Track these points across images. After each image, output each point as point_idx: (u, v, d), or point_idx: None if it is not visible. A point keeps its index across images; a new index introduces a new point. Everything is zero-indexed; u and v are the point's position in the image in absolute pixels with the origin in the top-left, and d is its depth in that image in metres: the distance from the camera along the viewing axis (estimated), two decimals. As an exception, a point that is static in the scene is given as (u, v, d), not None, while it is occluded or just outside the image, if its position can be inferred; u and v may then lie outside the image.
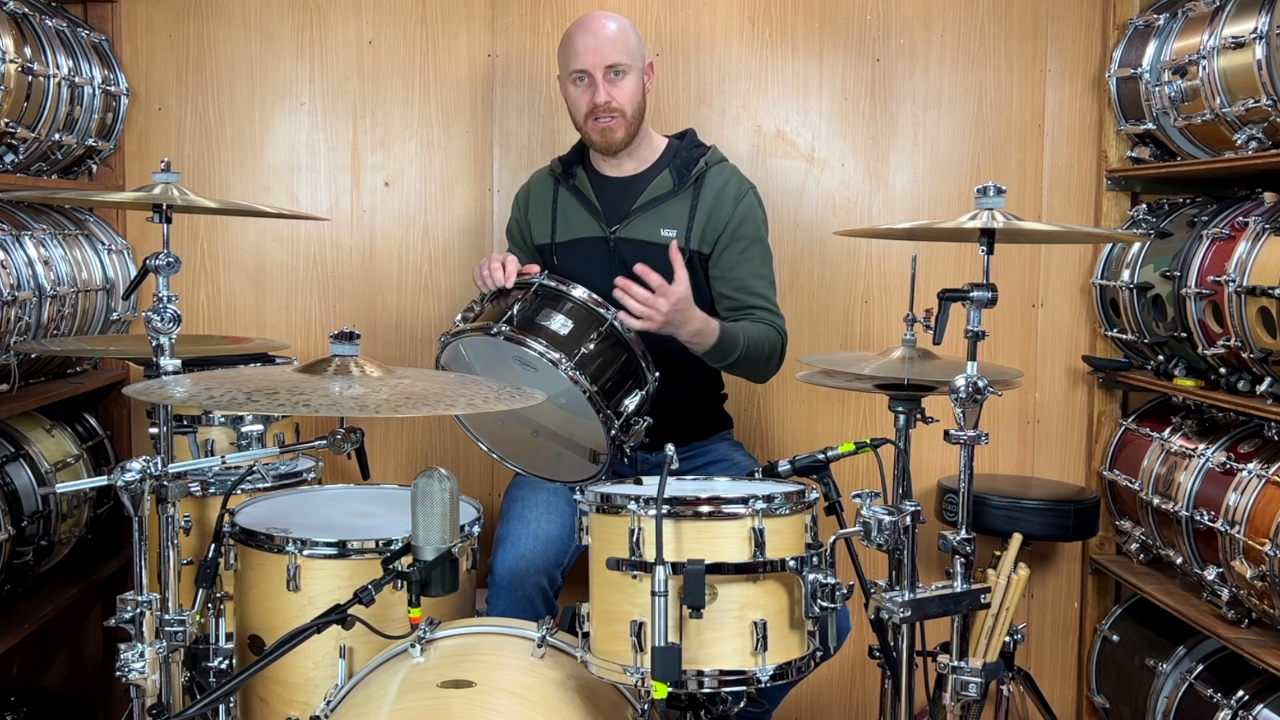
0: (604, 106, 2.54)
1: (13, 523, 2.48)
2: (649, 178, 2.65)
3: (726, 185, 2.62)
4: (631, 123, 2.57)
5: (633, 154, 2.65)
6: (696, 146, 2.69)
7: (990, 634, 2.03)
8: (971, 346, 1.93)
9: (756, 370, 2.57)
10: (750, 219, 2.62)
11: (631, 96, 2.56)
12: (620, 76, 2.54)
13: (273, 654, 1.72)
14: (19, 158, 2.60)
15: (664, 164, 2.65)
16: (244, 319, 3.19)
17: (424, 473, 1.73)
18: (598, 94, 2.53)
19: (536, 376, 2.17)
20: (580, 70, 2.55)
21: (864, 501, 1.88)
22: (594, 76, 2.53)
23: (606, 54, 2.52)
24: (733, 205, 2.60)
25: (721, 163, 2.68)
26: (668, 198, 2.61)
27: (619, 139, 2.58)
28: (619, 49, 2.54)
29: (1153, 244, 2.88)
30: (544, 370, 2.14)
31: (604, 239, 2.61)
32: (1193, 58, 2.64)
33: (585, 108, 2.57)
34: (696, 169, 2.62)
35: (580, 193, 2.67)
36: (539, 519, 2.47)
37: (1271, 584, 2.32)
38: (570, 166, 2.71)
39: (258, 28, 3.14)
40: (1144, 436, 2.98)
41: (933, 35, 3.17)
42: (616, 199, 2.64)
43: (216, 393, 1.66)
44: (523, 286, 2.25)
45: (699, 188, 2.61)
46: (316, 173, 3.18)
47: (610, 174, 2.68)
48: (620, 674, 1.75)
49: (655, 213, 2.61)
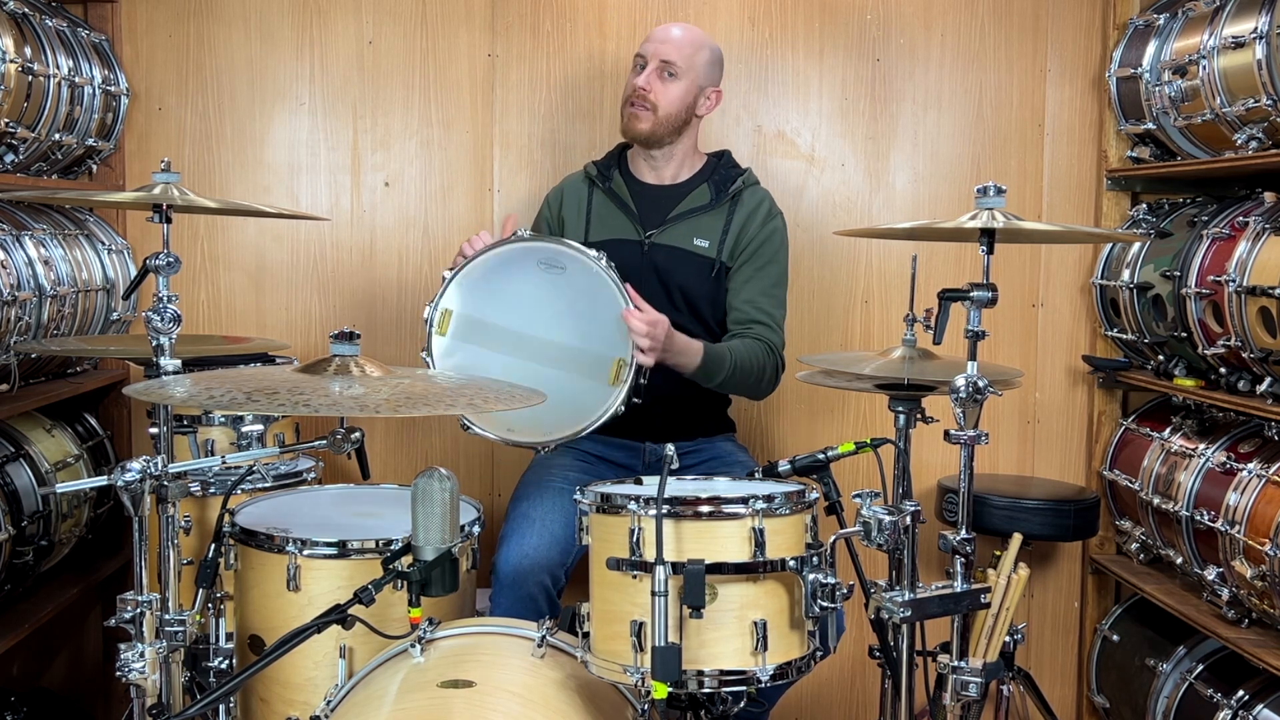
0: (638, 91, 2.62)
1: (13, 523, 2.48)
2: (687, 188, 2.71)
3: (760, 206, 2.70)
4: (661, 122, 2.64)
5: (673, 162, 2.72)
6: (734, 166, 2.78)
7: (990, 634, 2.03)
8: (971, 346, 1.93)
9: (748, 389, 2.61)
10: (773, 241, 2.68)
11: (671, 99, 2.63)
12: (670, 77, 2.62)
13: (273, 654, 1.72)
14: (19, 158, 2.60)
15: (703, 178, 2.73)
16: (244, 319, 3.19)
17: (424, 473, 1.73)
18: (640, 77, 2.63)
19: (557, 276, 2.23)
20: (641, 54, 2.66)
21: (864, 501, 1.88)
22: (648, 63, 2.63)
23: (667, 50, 2.63)
24: (761, 225, 2.67)
25: (757, 185, 2.76)
26: (705, 210, 2.68)
27: (640, 130, 2.64)
28: (679, 52, 2.63)
29: (1153, 244, 2.88)
30: (570, 265, 2.22)
31: (639, 243, 2.66)
32: (1193, 57, 2.64)
33: (628, 90, 2.66)
34: (734, 186, 2.70)
35: (617, 196, 2.72)
36: (544, 517, 2.47)
37: (1271, 584, 2.32)
38: (607, 170, 2.76)
39: (258, 28, 3.14)
40: (1144, 436, 2.98)
41: (933, 35, 3.17)
42: (653, 205, 2.70)
43: (216, 393, 1.66)
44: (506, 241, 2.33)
45: (735, 204, 2.68)
46: (316, 173, 3.18)
47: (649, 180, 2.74)
48: (620, 674, 1.75)
49: (691, 222, 2.67)
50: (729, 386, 2.56)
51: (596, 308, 2.24)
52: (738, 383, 2.54)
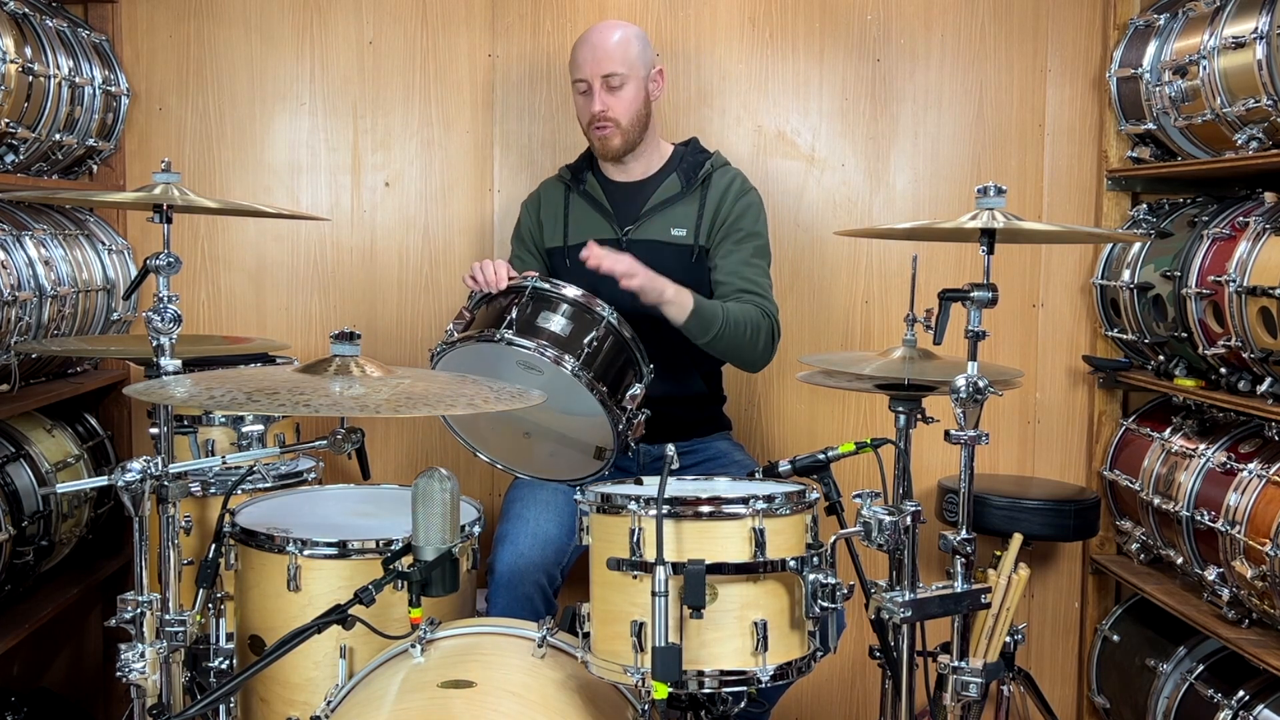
0: (599, 116, 2.62)
1: (13, 523, 2.48)
2: (657, 181, 2.72)
3: (731, 185, 2.69)
4: (629, 131, 2.64)
5: (640, 159, 2.72)
6: (701, 151, 2.77)
7: (990, 634, 2.03)
8: (972, 346, 1.93)
9: (744, 351, 2.55)
10: (749, 214, 2.68)
11: (628, 107, 2.62)
12: (618, 87, 2.61)
13: (273, 654, 1.72)
14: (19, 158, 2.60)
15: (671, 168, 2.73)
16: (244, 319, 3.19)
17: (424, 473, 1.73)
18: (594, 103, 2.61)
19: (537, 378, 2.17)
20: (580, 79, 2.64)
21: (864, 501, 1.88)
22: (592, 85, 2.61)
23: (603, 64, 2.60)
24: (734, 202, 2.67)
25: (726, 166, 2.75)
26: (677, 199, 2.68)
27: (614, 147, 2.65)
28: (616, 60, 2.60)
29: (1153, 244, 2.88)
30: (548, 371, 2.14)
31: (616, 240, 2.66)
32: (1193, 58, 2.64)
33: (586, 116, 2.66)
34: (703, 171, 2.70)
35: (591, 197, 2.73)
36: (538, 518, 2.48)
37: (1272, 584, 2.32)
38: (580, 173, 2.77)
39: (258, 28, 3.14)
40: (1144, 436, 2.98)
41: (933, 35, 3.17)
42: (627, 202, 2.71)
43: (217, 393, 1.66)
44: (514, 291, 2.26)
45: (706, 188, 2.69)
46: (317, 173, 3.18)
47: (619, 179, 2.75)
48: (620, 674, 1.75)
49: (665, 214, 2.67)
50: (724, 343, 2.49)
51: (570, 402, 2.19)
52: (732, 341, 2.49)
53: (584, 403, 2.15)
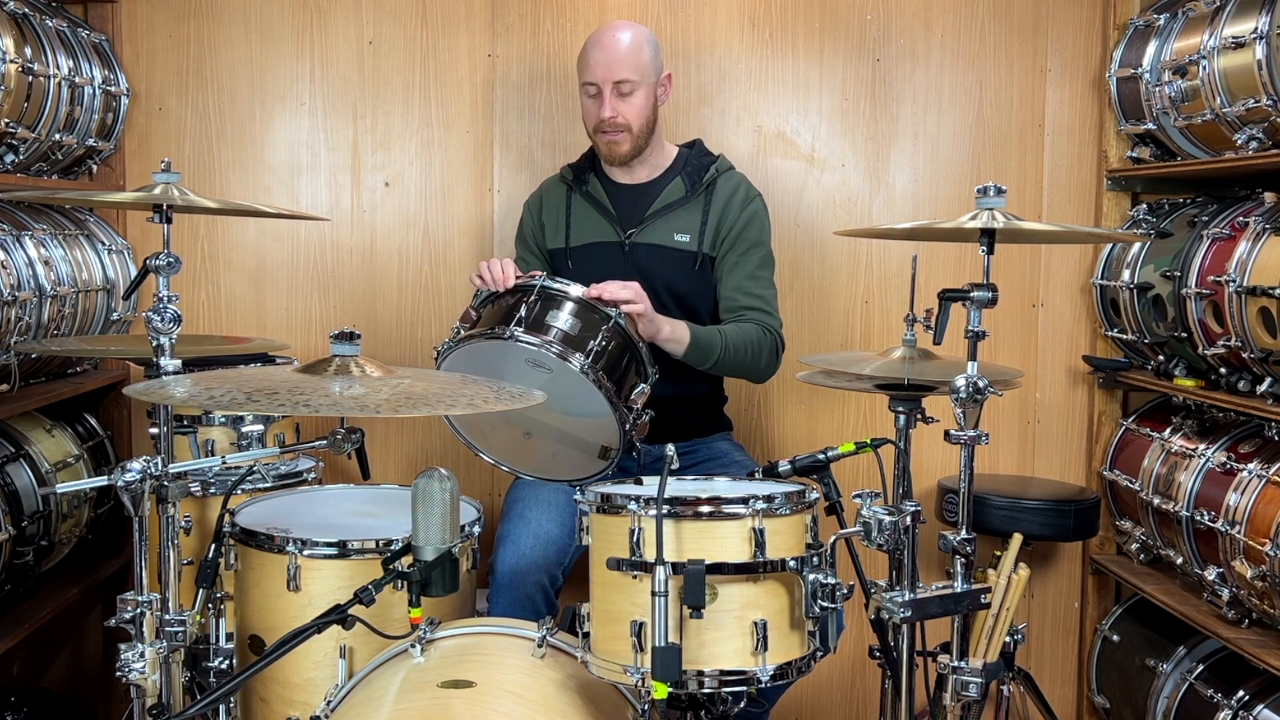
0: (609, 121, 2.59)
1: (13, 523, 2.48)
2: (661, 184, 2.70)
3: (736, 191, 2.69)
4: (638, 137, 2.63)
5: (645, 161, 2.70)
6: (706, 155, 2.76)
7: (990, 634, 2.03)
8: (972, 346, 1.93)
9: (746, 370, 2.60)
10: (755, 224, 2.67)
11: (639, 112, 2.61)
12: (629, 93, 2.58)
13: (273, 654, 1.72)
14: (19, 158, 2.60)
15: (675, 171, 2.72)
16: (244, 319, 3.19)
17: (424, 473, 1.73)
18: (604, 108, 2.59)
19: (544, 376, 2.16)
20: (590, 83, 2.61)
21: (864, 501, 1.88)
22: (602, 90, 2.58)
23: (615, 70, 2.57)
24: (739, 210, 2.66)
25: (730, 170, 2.74)
26: (681, 204, 2.67)
27: (623, 152, 2.63)
28: (629, 65, 2.58)
29: (1153, 244, 2.88)
30: (556, 369, 2.14)
31: (619, 243, 2.66)
32: (1193, 58, 2.64)
33: (594, 120, 2.63)
34: (708, 176, 2.69)
35: (594, 199, 2.72)
36: (539, 518, 2.48)
37: (1272, 584, 2.32)
38: (582, 173, 2.76)
39: (258, 28, 3.14)
40: (1144, 436, 2.98)
41: (933, 35, 3.17)
42: (630, 205, 2.70)
43: (217, 393, 1.66)
44: (521, 290, 2.25)
45: (710, 194, 2.67)
46: (316, 173, 3.18)
47: (623, 181, 2.73)
48: (620, 674, 1.75)
49: (669, 218, 2.66)
50: (726, 367, 2.54)
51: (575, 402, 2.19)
52: (735, 363, 2.52)
53: (590, 401, 2.15)
